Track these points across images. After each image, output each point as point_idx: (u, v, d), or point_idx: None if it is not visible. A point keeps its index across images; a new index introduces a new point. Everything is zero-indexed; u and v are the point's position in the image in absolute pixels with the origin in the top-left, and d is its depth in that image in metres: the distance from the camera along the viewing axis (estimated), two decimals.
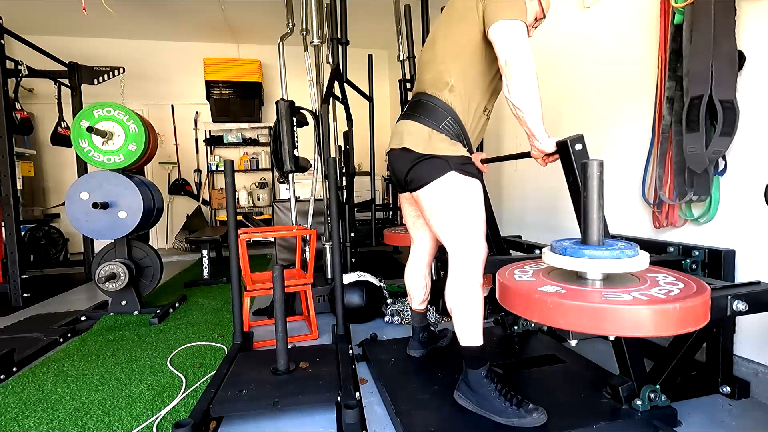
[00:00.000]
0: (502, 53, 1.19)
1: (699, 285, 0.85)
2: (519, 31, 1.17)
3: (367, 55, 3.24)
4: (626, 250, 0.81)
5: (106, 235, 2.52)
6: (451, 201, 1.32)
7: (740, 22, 1.47)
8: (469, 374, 1.32)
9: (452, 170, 1.30)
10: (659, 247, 1.81)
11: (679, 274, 0.92)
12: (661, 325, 0.72)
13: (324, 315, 2.49)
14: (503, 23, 1.18)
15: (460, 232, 1.32)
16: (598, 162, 0.83)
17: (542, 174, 2.64)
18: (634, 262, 0.80)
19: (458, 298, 1.32)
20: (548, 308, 0.78)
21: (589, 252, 0.81)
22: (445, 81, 1.32)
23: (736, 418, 1.34)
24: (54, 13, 4.43)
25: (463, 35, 1.29)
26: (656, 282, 0.86)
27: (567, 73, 2.43)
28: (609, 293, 0.78)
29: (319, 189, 2.71)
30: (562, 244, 0.88)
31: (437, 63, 1.35)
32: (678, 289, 0.82)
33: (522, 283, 0.90)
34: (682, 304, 0.74)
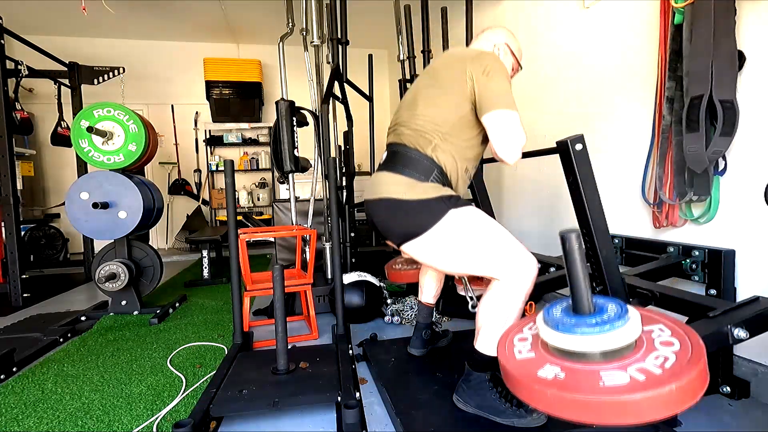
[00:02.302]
0: (496, 144, 1.23)
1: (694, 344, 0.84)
2: (513, 121, 1.21)
3: (367, 55, 3.24)
4: (616, 321, 0.83)
5: (106, 235, 2.52)
6: (468, 236, 1.24)
7: (740, 22, 1.47)
8: (472, 375, 1.31)
9: (453, 208, 1.24)
10: (659, 247, 1.81)
11: (673, 324, 0.91)
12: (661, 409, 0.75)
13: (324, 315, 2.49)
14: (498, 114, 1.21)
15: (498, 257, 1.22)
16: (575, 234, 0.85)
17: (542, 174, 2.64)
18: (625, 334, 0.83)
19: (496, 319, 1.24)
20: (549, 400, 0.81)
21: (581, 329, 0.84)
22: (429, 139, 1.30)
23: (736, 418, 1.34)
24: (54, 13, 4.43)
25: (449, 105, 1.29)
26: (651, 342, 0.87)
27: (567, 73, 2.43)
28: (607, 374, 0.80)
29: (319, 189, 2.71)
30: (554, 316, 0.90)
31: (418, 125, 1.32)
32: (673, 353, 0.83)
33: (522, 364, 0.92)
34: (678, 384, 0.75)
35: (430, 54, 2.92)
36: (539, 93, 2.65)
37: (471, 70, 1.25)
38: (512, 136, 1.21)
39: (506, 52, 1.46)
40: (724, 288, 1.57)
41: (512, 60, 1.48)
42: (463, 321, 2.30)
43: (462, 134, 1.30)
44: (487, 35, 1.48)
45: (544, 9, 2.60)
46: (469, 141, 1.32)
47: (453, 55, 1.38)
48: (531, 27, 2.75)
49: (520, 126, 1.22)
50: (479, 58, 1.28)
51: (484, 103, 1.23)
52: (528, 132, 1.26)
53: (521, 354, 0.96)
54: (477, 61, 1.27)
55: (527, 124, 2.90)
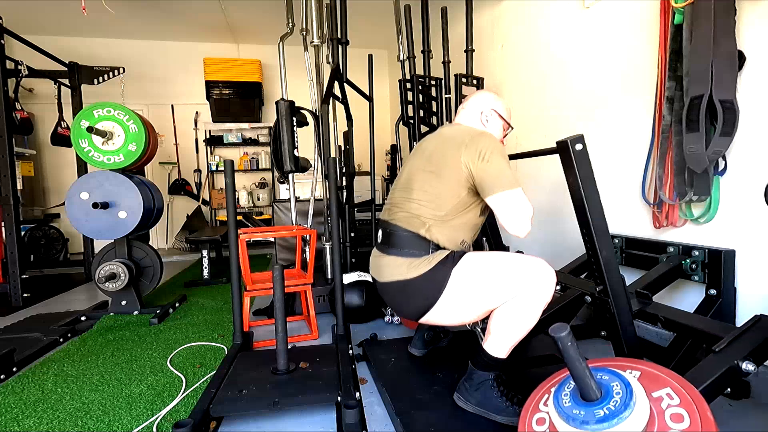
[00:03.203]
0: (505, 223, 1.26)
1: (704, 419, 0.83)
2: (518, 199, 1.24)
3: (367, 55, 3.24)
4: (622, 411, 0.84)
5: (106, 235, 2.52)
6: (479, 278, 1.26)
7: (740, 22, 1.47)
8: (476, 374, 1.32)
9: (453, 267, 1.27)
10: (659, 247, 1.82)
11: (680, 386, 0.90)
12: None
13: (324, 315, 2.49)
14: (502, 196, 1.24)
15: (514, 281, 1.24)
16: (566, 331, 0.88)
17: (542, 173, 2.64)
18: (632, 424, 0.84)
19: (512, 322, 1.25)
20: None
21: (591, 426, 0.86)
22: (423, 222, 1.32)
23: (736, 418, 1.34)
24: (54, 13, 4.43)
25: (445, 193, 1.31)
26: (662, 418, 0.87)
27: (567, 73, 2.43)
28: None
29: (319, 189, 2.71)
30: (563, 404, 0.93)
31: (413, 206, 1.34)
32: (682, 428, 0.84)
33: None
34: None
35: (430, 54, 2.92)
36: (539, 93, 2.65)
37: (466, 156, 1.27)
38: (519, 214, 1.24)
39: (495, 117, 1.48)
40: (724, 288, 1.57)
41: (501, 123, 1.50)
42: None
43: (460, 215, 1.33)
44: (473, 103, 1.50)
45: (544, 9, 2.60)
46: (467, 218, 1.35)
47: (445, 139, 1.39)
48: (531, 27, 2.75)
49: (525, 200, 1.25)
50: (473, 144, 1.28)
51: (485, 187, 1.26)
52: (528, 132, 1.26)
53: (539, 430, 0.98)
54: (471, 147, 1.28)
55: (527, 124, 2.90)
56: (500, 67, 3.12)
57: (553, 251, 2.49)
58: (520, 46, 2.89)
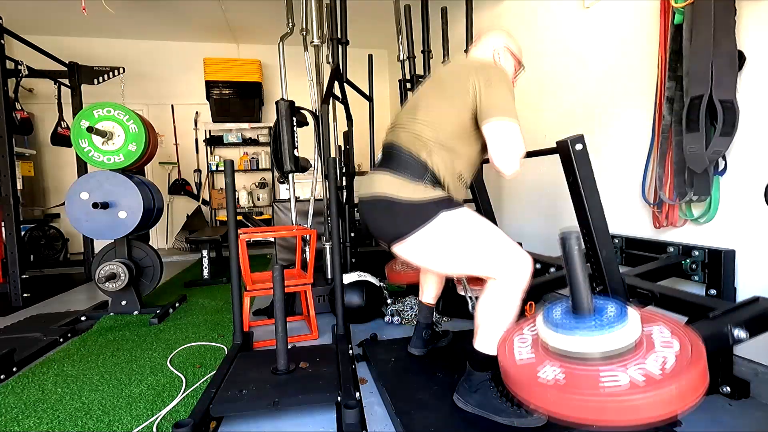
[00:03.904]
0: (494, 154, 1.22)
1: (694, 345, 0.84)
2: (513, 131, 1.20)
3: (367, 55, 3.24)
4: (615, 323, 0.83)
5: (106, 235, 2.52)
6: (460, 236, 1.25)
7: (740, 22, 1.47)
8: (473, 375, 1.31)
9: (443, 210, 1.25)
10: (659, 247, 1.81)
11: (674, 324, 0.91)
12: (661, 408, 0.75)
13: (324, 315, 2.49)
14: (498, 123, 1.21)
15: (493, 257, 1.24)
16: (575, 234, 0.85)
17: (542, 173, 2.64)
18: (624, 335, 0.83)
19: (493, 318, 1.25)
20: (550, 400, 0.82)
21: (581, 330, 0.84)
22: (424, 143, 1.30)
23: (736, 418, 1.34)
24: (54, 13, 4.43)
25: (449, 113, 1.29)
26: (651, 343, 0.86)
27: (567, 73, 2.43)
28: (606, 375, 0.80)
29: (319, 189, 2.71)
30: (554, 317, 0.89)
31: (417, 127, 1.33)
32: (674, 354, 0.82)
33: (522, 366, 0.92)
34: (679, 385, 0.75)
35: (430, 54, 2.92)
36: (539, 93, 2.65)
37: (475, 80, 1.26)
38: (511, 147, 1.20)
39: (507, 55, 1.47)
40: (724, 288, 1.57)
41: (513, 61, 1.49)
42: (463, 321, 2.30)
43: (460, 143, 1.31)
44: (486, 40, 1.49)
45: (545, 9, 2.60)
46: (466, 149, 1.33)
47: (458, 65, 1.39)
48: (531, 27, 2.74)
49: (520, 137, 1.21)
50: (483, 69, 1.28)
51: (484, 111, 1.23)
52: (528, 132, 1.26)
53: (521, 356, 0.96)
54: (481, 71, 1.27)
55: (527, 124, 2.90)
56: None
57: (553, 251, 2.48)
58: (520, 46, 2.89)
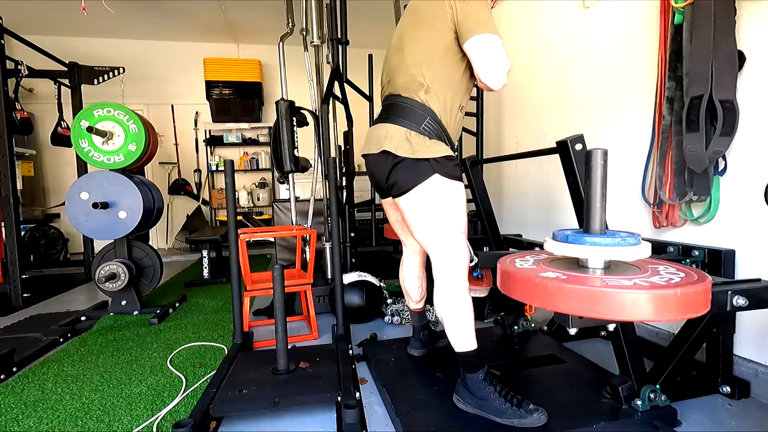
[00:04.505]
0: (480, 69, 1.22)
1: (700, 274, 0.84)
2: (495, 45, 1.20)
3: (367, 55, 3.24)
4: (628, 238, 0.81)
5: (106, 235, 2.52)
6: (434, 206, 1.30)
7: (740, 22, 1.47)
8: (468, 378, 1.31)
9: (436, 173, 1.28)
10: (659, 247, 1.81)
11: (681, 266, 0.91)
12: (661, 311, 0.72)
13: (324, 315, 2.49)
14: (479, 39, 1.21)
15: (442, 238, 1.31)
16: (602, 151, 0.83)
17: (542, 174, 2.64)
18: (635, 250, 0.80)
19: (447, 305, 1.31)
20: (549, 293, 0.78)
21: (591, 239, 0.81)
22: (419, 82, 1.30)
23: (736, 418, 1.34)
24: (54, 13, 4.43)
25: (434, 39, 1.29)
26: (657, 272, 0.86)
27: (567, 73, 2.43)
28: (610, 279, 0.79)
29: (319, 189, 2.71)
30: (564, 233, 0.88)
31: (408, 66, 1.33)
32: (679, 277, 0.82)
33: (523, 269, 0.90)
34: (683, 290, 0.74)
35: None
36: (539, 93, 2.65)
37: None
38: (495, 61, 1.20)
39: None
40: None
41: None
42: None
43: (450, 68, 1.30)
44: None
45: (544, 9, 2.60)
46: (458, 74, 1.32)
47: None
48: (531, 27, 2.74)
49: (503, 50, 1.21)
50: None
51: (464, 29, 1.22)
52: (528, 132, 1.26)
53: (523, 266, 0.93)
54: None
55: (527, 123, 2.89)
56: None
57: None
58: (520, 45, 2.89)
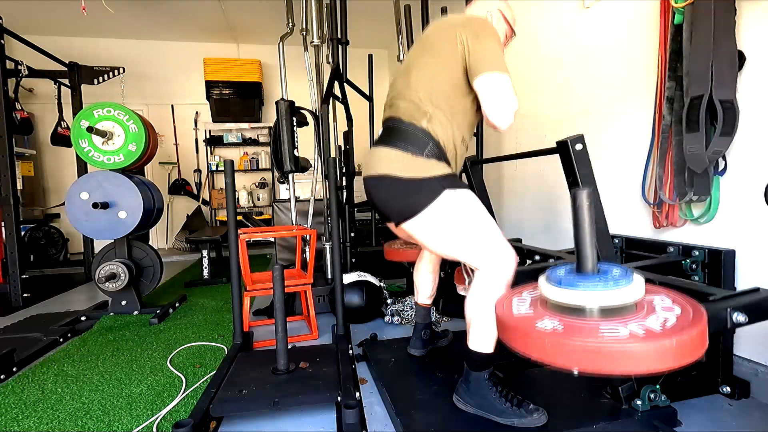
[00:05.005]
0: (487, 108, 1.21)
1: (695, 310, 0.83)
2: (504, 84, 1.19)
3: (367, 55, 3.24)
4: (620, 280, 0.81)
5: (106, 235, 2.52)
6: (458, 219, 1.25)
7: (740, 22, 1.47)
8: (471, 375, 1.31)
9: (446, 189, 1.24)
10: (659, 247, 1.81)
11: (676, 295, 0.91)
12: (659, 361, 0.73)
13: (324, 315, 2.49)
14: (489, 77, 1.20)
15: (482, 247, 1.24)
16: (587, 192, 0.84)
17: (542, 174, 2.64)
18: (628, 293, 0.81)
19: (482, 308, 1.25)
20: (546, 347, 0.80)
21: (584, 284, 0.82)
22: (423, 110, 1.29)
23: (736, 418, 1.34)
24: (54, 13, 4.43)
25: (442, 71, 1.28)
26: (652, 307, 0.86)
27: (567, 73, 2.43)
28: (606, 328, 0.79)
29: (319, 189, 2.71)
30: (558, 275, 0.88)
31: (413, 93, 1.32)
32: (675, 316, 0.82)
33: (520, 318, 0.90)
34: (679, 338, 0.74)
35: None
36: (539, 92, 2.65)
37: (462, 34, 1.24)
38: (504, 100, 1.19)
39: (499, 18, 1.45)
40: (724, 288, 1.57)
41: (505, 27, 1.46)
42: (462, 321, 2.29)
43: (456, 101, 1.29)
44: (480, 2, 1.47)
45: (544, 9, 2.60)
46: (463, 108, 1.31)
47: (444, 21, 1.37)
48: (531, 27, 2.74)
49: (511, 90, 1.20)
50: (470, 23, 1.27)
51: (474, 66, 1.22)
52: (528, 132, 1.26)
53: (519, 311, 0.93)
54: (468, 25, 1.26)
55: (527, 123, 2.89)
56: None
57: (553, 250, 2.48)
58: (519, 45, 2.89)
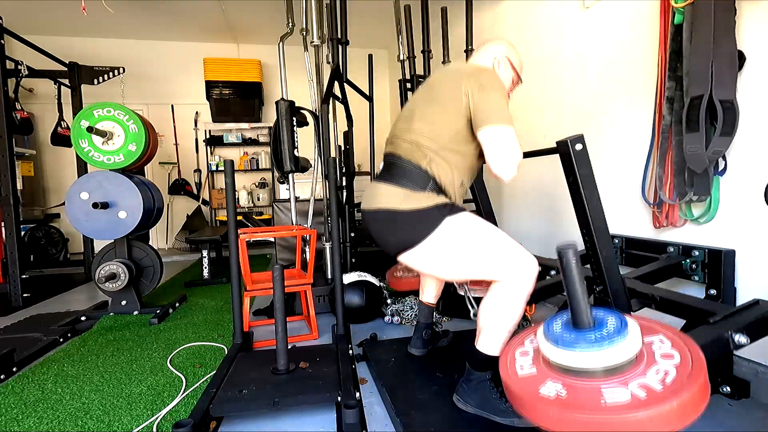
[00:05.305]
0: (491, 160, 1.22)
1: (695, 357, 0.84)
2: (509, 137, 1.20)
3: (367, 55, 3.24)
4: (615, 336, 0.83)
5: (106, 235, 2.52)
6: (465, 241, 1.25)
7: (740, 22, 1.47)
8: (473, 375, 1.31)
9: (446, 216, 1.24)
10: (659, 247, 1.81)
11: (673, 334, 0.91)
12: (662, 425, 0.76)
13: (324, 315, 2.49)
14: (493, 129, 1.21)
15: (497, 260, 1.23)
16: (572, 249, 0.85)
17: (542, 174, 2.64)
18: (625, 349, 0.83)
19: (498, 319, 1.25)
20: (552, 419, 0.83)
21: (581, 345, 0.84)
22: (424, 153, 1.30)
23: (736, 418, 1.34)
24: (54, 13, 4.42)
25: (444, 121, 1.29)
26: (652, 354, 0.87)
27: (567, 73, 2.43)
28: (608, 390, 0.81)
29: (319, 189, 2.71)
30: (555, 332, 0.89)
31: (415, 136, 1.33)
32: (674, 367, 0.83)
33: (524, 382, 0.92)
34: (680, 400, 0.76)
35: (430, 54, 2.92)
36: (539, 93, 2.65)
37: (467, 86, 1.25)
38: (507, 153, 1.20)
39: (506, 65, 1.46)
40: (724, 288, 1.57)
41: (512, 73, 1.47)
42: (463, 321, 2.30)
43: (457, 149, 1.31)
44: (488, 48, 1.48)
45: (544, 9, 2.60)
46: (464, 155, 1.32)
47: (450, 70, 1.38)
48: (531, 27, 2.75)
49: (516, 142, 1.21)
50: (475, 74, 1.28)
51: (479, 118, 1.23)
52: (528, 132, 1.26)
53: (523, 370, 0.96)
54: (473, 77, 1.27)
55: (527, 124, 2.90)
56: None
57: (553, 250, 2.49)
58: (520, 46, 2.89)
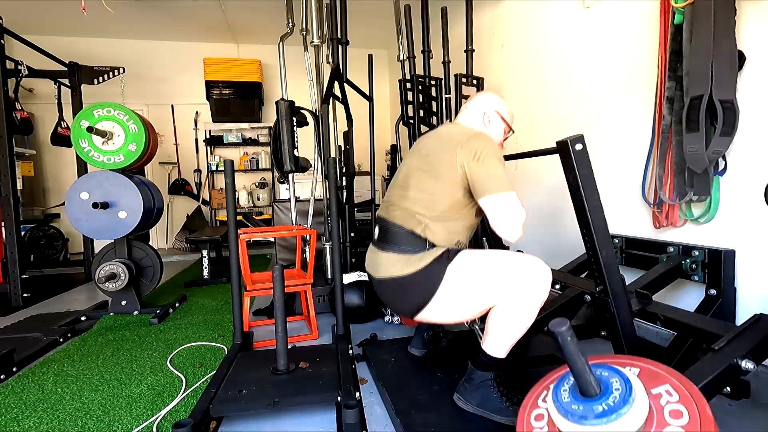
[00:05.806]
0: (496, 227, 1.25)
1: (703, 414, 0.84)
2: (510, 203, 1.24)
3: (367, 55, 3.24)
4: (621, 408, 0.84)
5: (106, 235, 2.52)
6: (474, 280, 1.27)
7: (740, 22, 1.47)
8: (476, 374, 1.31)
9: (448, 264, 1.27)
10: (659, 247, 1.82)
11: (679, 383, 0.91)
12: None
13: (324, 315, 2.49)
14: (494, 198, 1.24)
15: (510, 282, 1.24)
16: (565, 326, 0.88)
17: (542, 173, 2.64)
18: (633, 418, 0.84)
19: (508, 326, 1.26)
20: None
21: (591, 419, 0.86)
22: (419, 221, 1.33)
23: (736, 418, 1.34)
24: (54, 13, 4.42)
25: (440, 192, 1.31)
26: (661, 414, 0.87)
27: (567, 73, 2.43)
28: None
29: (319, 189, 2.71)
30: (562, 399, 0.92)
31: (410, 203, 1.35)
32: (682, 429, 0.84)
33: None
34: None
35: (430, 54, 2.92)
36: (539, 93, 2.65)
37: (461, 156, 1.27)
38: (511, 218, 1.23)
39: (497, 119, 1.48)
40: (724, 288, 1.57)
41: (503, 125, 1.50)
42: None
43: (455, 214, 1.33)
44: (476, 104, 1.49)
45: (544, 9, 2.60)
46: (462, 218, 1.35)
47: (443, 138, 1.40)
48: (531, 27, 2.75)
49: (517, 204, 1.24)
50: (469, 144, 1.29)
51: (478, 187, 1.26)
52: (528, 132, 1.26)
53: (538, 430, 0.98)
54: (467, 147, 1.28)
55: (527, 124, 2.90)
56: (500, 67, 3.12)
57: (553, 250, 2.49)
58: (520, 46, 2.89)
